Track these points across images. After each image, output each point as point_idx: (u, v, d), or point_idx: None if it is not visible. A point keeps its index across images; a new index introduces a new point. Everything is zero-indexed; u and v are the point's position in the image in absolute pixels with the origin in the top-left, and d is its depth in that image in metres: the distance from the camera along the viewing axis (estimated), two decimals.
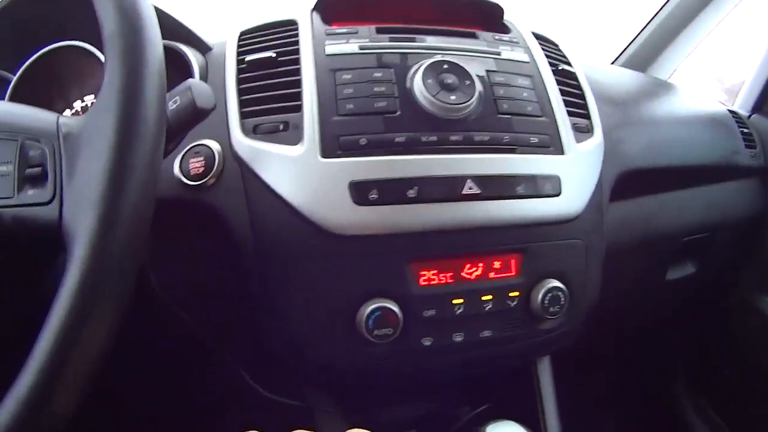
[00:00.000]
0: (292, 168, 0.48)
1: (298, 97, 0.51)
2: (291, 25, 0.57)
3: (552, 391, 0.63)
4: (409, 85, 0.52)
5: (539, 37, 0.65)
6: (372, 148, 0.49)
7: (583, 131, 0.59)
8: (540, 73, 0.59)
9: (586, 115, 0.62)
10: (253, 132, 0.51)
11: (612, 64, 1.11)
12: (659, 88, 0.88)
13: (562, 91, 0.59)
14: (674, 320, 1.08)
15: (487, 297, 0.51)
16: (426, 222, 0.49)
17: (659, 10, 1.04)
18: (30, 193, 0.35)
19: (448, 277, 0.50)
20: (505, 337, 0.53)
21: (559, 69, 0.62)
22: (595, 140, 0.60)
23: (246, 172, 0.50)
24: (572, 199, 0.54)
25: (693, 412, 1.08)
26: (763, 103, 0.97)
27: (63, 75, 0.62)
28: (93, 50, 0.60)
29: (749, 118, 0.95)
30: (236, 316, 0.57)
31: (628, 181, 0.66)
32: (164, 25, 0.38)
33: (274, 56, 0.54)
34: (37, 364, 0.30)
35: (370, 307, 0.47)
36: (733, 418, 1.02)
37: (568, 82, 0.63)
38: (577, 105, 0.61)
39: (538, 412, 0.61)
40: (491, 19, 0.65)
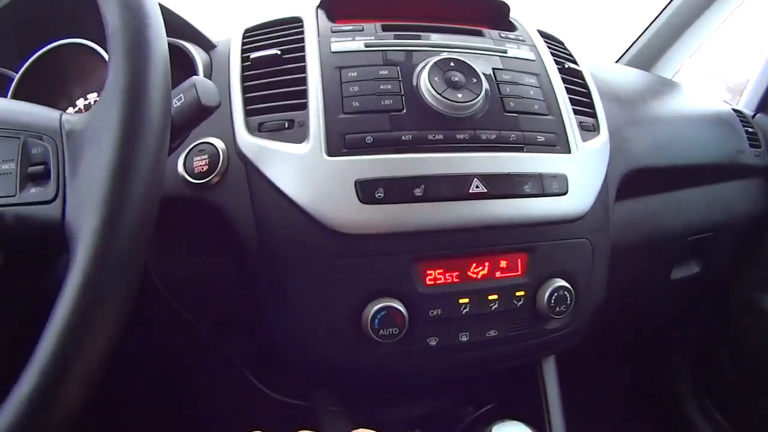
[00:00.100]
0: (297, 166, 0.48)
1: (304, 95, 0.51)
2: (296, 23, 0.57)
3: (557, 391, 0.62)
4: (416, 83, 0.52)
5: (545, 35, 0.65)
6: (378, 146, 0.48)
7: (590, 130, 0.59)
8: (546, 71, 0.59)
9: (593, 114, 0.61)
10: (258, 130, 0.50)
11: (616, 62, 1.10)
12: (664, 87, 0.87)
13: (569, 90, 0.59)
14: (678, 320, 1.08)
15: (493, 296, 0.51)
16: (432, 221, 0.48)
17: (664, 8, 1.04)
18: (33, 192, 0.34)
19: (454, 277, 0.50)
20: (511, 336, 0.53)
21: (566, 67, 0.62)
22: (602, 139, 0.59)
23: (251, 170, 0.50)
24: (579, 198, 0.54)
25: (697, 412, 1.08)
26: None
27: (66, 73, 0.62)
28: (96, 48, 0.60)
29: (754, 117, 0.95)
30: (241, 316, 0.56)
31: (633, 180, 0.66)
32: (168, 22, 0.38)
33: (279, 54, 0.53)
34: (40, 365, 0.29)
35: (376, 306, 0.47)
36: (737, 419, 1.02)
37: (575, 80, 0.62)
38: (584, 104, 0.61)
39: (543, 412, 0.61)
40: (497, 17, 0.65)
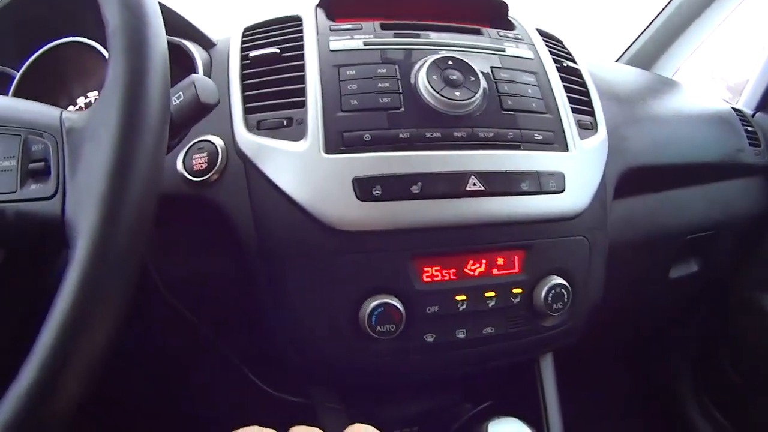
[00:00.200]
0: (295, 164, 0.48)
1: (302, 93, 0.51)
2: (295, 21, 0.57)
3: (554, 389, 0.63)
4: (414, 81, 0.52)
5: (544, 34, 0.65)
6: (376, 144, 0.49)
7: (588, 128, 0.59)
8: (545, 69, 0.59)
9: (591, 112, 0.62)
10: (257, 128, 0.51)
11: (616, 61, 1.10)
12: (663, 86, 0.87)
13: (567, 88, 0.59)
14: (678, 319, 1.08)
15: (490, 294, 0.51)
16: (429, 218, 0.49)
17: (664, 7, 1.04)
18: (33, 188, 0.35)
19: (451, 274, 0.50)
20: (508, 333, 0.53)
21: (564, 66, 0.62)
22: (600, 137, 0.59)
23: (249, 167, 0.50)
24: (576, 196, 0.54)
25: (696, 411, 1.08)
26: None
27: (66, 71, 0.62)
28: (97, 46, 0.60)
29: (753, 116, 0.95)
30: (239, 313, 0.57)
31: (632, 179, 0.66)
32: (168, 21, 0.38)
33: (279, 52, 0.54)
34: (39, 360, 0.29)
35: (373, 303, 0.47)
36: (737, 418, 1.02)
37: (573, 79, 0.62)
38: (582, 102, 0.61)
39: (540, 410, 0.61)
40: (496, 16, 0.65)
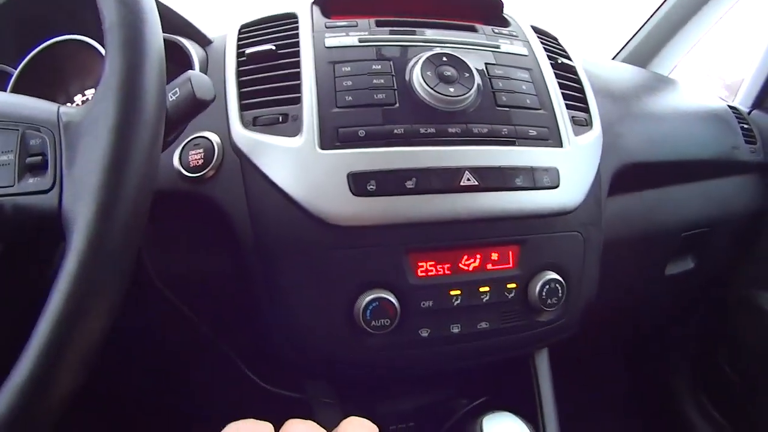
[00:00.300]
0: (291, 159, 0.49)
1: (298, 90, 0.51)
2: (291, 18, 0.58)
3: (550, 384, 0.63)
4: (408, 78, 0.52)
5: (538, 31, 0.66)
6: (371, 139, 0.49)
7: (582, 125, 0.60)
8: (539, 66, 0.59)
9: (585, 109, 0.62)
10: (253, 124, 0.51)
11: (613, 59, 1.11)
12: (659, 84, 0.88)
13: (561, 85, 0.60)
14: (675, 316, 1.08)
15: (485, 288, 0.51)
16: (424, 213, 0.49)
17: (660, 5, 1.05)
18: (30, 182, 0.35)
19: (445, 269, 0.50)
20: (503, 328, 0.53)
21: (558, 63, 0.62)
22: (594, 133, 0.60)
23: (245, 163, 0.50)
24: (570, 191, 0.54)
25: (694, 409, 1.08)
26: (764, 99, 0.97)
27: (64, 69, 0.62)
28: (94, 44, 0.60)
29: (749, 113, 0.95)
30: (235, 309, 0.57)
31: (627, 175, 0.66)
32: (165, 18, 0.39)
33: (274, 49, 0.54)
34: (34, 351, 0.29)
35: (368, 297, 0.47)
36: (735, 416, 1.02)
37: (567, 75, 0.63)
38: (576, 98, 0.62)
39: (535, 406, 0.61)
40: (491, 13, 0.65)
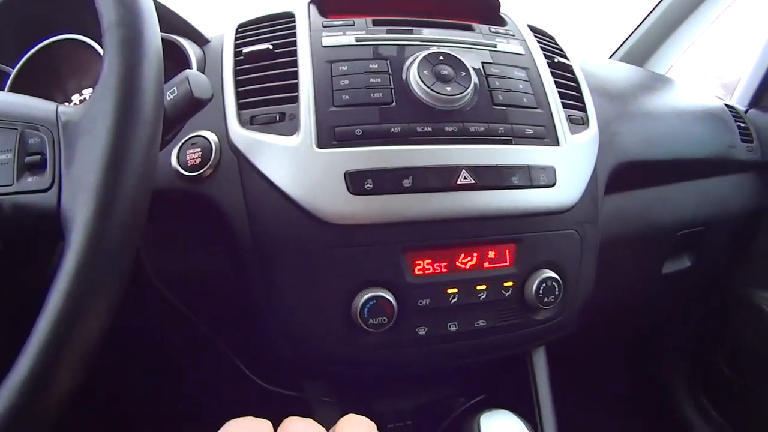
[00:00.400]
0: (288, 158, 0.49)
1: (295, 89, 0.51)
2: (288, 18, 0.58)
3: (547, 382, 0.63)
4: (405, 77, 0.52)
5: (535, 30, 0.66)
6: (367, 138, 0.49)
7: (579, 123, 0.60)
8: (536, 65, 0.59)
9: (582, 108, 0.62)
10: (250, 123, 0.51)
11: (609, 58, 1.11)
12: (656, 82, 0.88)
13: (558, 84, 0.60)
14: (672, 315, 1.08)
15: (482, 287, 0.52)
16: (421, 211, 0.49)
17: (657, 4, 1.05)
18: (29, 181, 0.35)
19: (442, 267, 0.51)
20: (500, 326, 0.53)
21: (555, 62, 0.62)
22: (591, 132, 0.60)
23: (242, 162, 0.51)
24: (567, 190, 0.55)
25: (692, 408, 1.08)
26: (760, 97, 0.97)
27: (62, 68, 0.63)
28: (92, 43, 0.60)
29: (746, 112, 0.95)
30: (233, 307, 0.57)
31: (623, 174, 0.66)
32: (162, 17, 0.39)
33: (272, 48, 0.54)
34: (33, 350, 0.30)
35: (365, 296, 0.48)
36: (732, 413, 1.03)
37: (564, 74, 0.63)
38: (573, 97, 0.62)
39: (533, 404, 0.62)
40: (488, 12, 0.65)
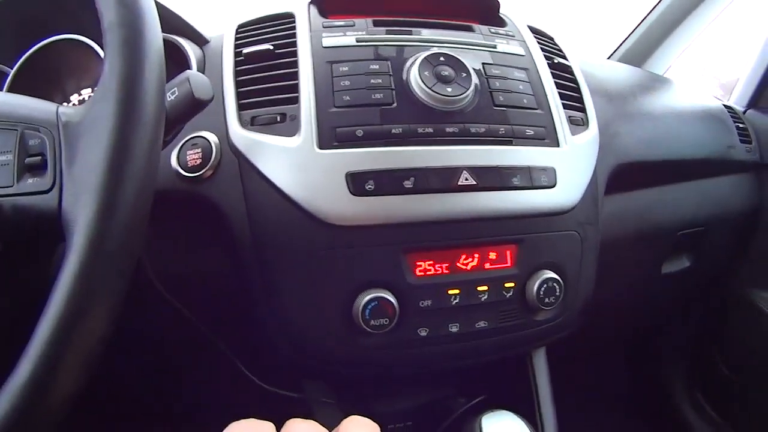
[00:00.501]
0: (288, 159, 0.49)
1: (295, 89, 0.51)
2: (288, 18, 0.58)
3: (548, 383, 0.63)
4: (406, 77, 0.52)
5: (535, 31, 0.66)
6: (368, 139, 0.49)
7: (579, 124, 0.60)
8: (536, 66, 0.59)
9: (582, 109, 0.62)
10: (251, 124, 0.51)
11: (608, 58, 1.11)
12: (655, 83, 0.88)
13: (558, 85, 0.60)
14: (671, 315, 1.08)
15: (483, 288, 0.52)
16: (422, 213, 0.49)
17: (656, 5, 1.05)
18: (30, 182, 0.35)
19: (443, 268, 0.51)
20: (501, 327, 0.53)
21: (555, 62, 0.63)
22: (591, 133, 0.60)
23: (243, 163, 0.50)
24: (567, 191, 0.55)
25: (690, 407, 1.08)
26: (759, 98, 0.98)
27: (61, 68, 0.62)
28: (91, 44, 0.60)
29: (744, 113, 0.96)
30: (233, 307, 0.57)
31: (623, 175, 0.66)
32: (162, 17, 0.38)
33: (272, 48, 0.54)
34: (35, 352, 0.29)
35: (367, 297, 0.47)
36: (731, 413, 1.03)
37: (564, 75, 0.63)
38: (573, 98, 0.62)
39: (534, 404, 0.62)
40: (488, 13, 0.65)
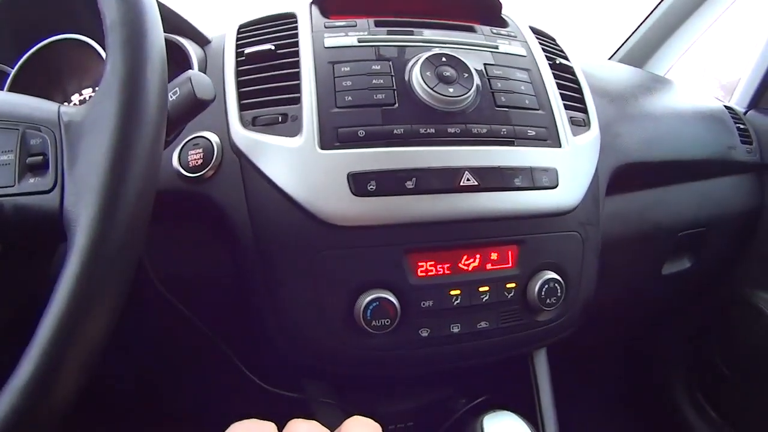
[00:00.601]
0: (290, 159, 0.49)
1: (297, 89, 0.51)
2: (290, 18, 0.58)
3: (548, 383, 0.63)
4: (408, 78, 0.52)
5: (537, 32, 0.66)
6: (370, 139, 0.49)
7: (580, 125, 0.60)
8: (537, 66, 0.59)
9: (583, 109, 0.62)
10: (252, 124, 0.51)
11: (609, 59, 1.11)
12: (656, 84, 0.88)
13: (559, 85, 0.60)
14: (671, 315, 1.08)
15: (484, 288, 0.52)
16: (423, 213, 0.49)
17: (656, 6, 1.05)
18: (31, 182, 0.35)
19: (445, 268, 0.51)
20: (502, 328, 0.53)
21: (557, 63, 0.63)
22: (592, 134, 0.60)
23: (244, 163, 0.50)
24: (569, 191, 0.55)
25: (689, 407, 1.08)
26: (760, 99, 0.98)
27: (61, 68, 0.62)
28: (92, 43, 0.60)
29: (745, 114, 0.96)
30: (234, 308, 0.57)
31: (624, 175, 0.66)
32: (163, 17, 0.38)
33: (273, 49, 0.54)
34: (36, 354, 0.29)
35: (368, 297, 0.47)
36: (730, 414, 1.03)
37: (565, 76, 0.63)
38: (574, 99, 0.62)
39: (534, 405, 0.62)
40: (489, 13, 0.65)
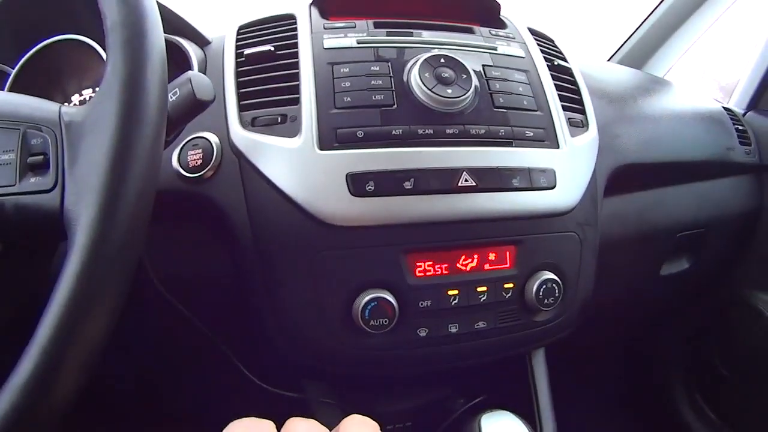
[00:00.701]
0: (289, 160, 0.49)
1: (296, 90, 0.51)
2: (289, 19, 0.58)
3: (546, 384, 0.63)
4: (406, 79, 0.53)
5: (535, 33, 0.66)
6: (369, 140, 0.49)
7: (578, 126, 0.60)
8: (536, 68, 0.60)
9: (581, 110, 0.62)
10: (251, 124, 0.51)
11: (608, 61, 1.11)
12: (655, 85, 0.88)
13: (558, 86, 0.60)
14: (669, 316, 1.09)
15: (482, 288, 0.52)
16: (422, 213, 0.49)
17: (656, 7, 1.05)
18: (32, 181, 0.35)
19: (443, 269, 0.51)
20: (500, 328, 0.53)
21: (555, 64, 0.63)
22: (590, 135, 0.60)
23: (244, 164, 0.51)
24: (567, 192, 0.55)
25: (688, 408, 1.08)
26: (758, 100, 0.98)
27: (62, 68, 0.63)
28: (92, 44, 0.60)
29: (744, 115, 0.96)
30: (234, 308, 0.57)
31: (622, 176, 0.66)
32: (164, 18, 0.39)
33: (273, 50, 0.54)
34: (36, 353, 0.29)
35: (366, 297, 0.48)
36: (729, 415, 1.03)
37: (564, 77, 0.63)
38: (573, 100, 0.62)
39: (533, 404, 0.62)
40: (488, 15, 0.66)
